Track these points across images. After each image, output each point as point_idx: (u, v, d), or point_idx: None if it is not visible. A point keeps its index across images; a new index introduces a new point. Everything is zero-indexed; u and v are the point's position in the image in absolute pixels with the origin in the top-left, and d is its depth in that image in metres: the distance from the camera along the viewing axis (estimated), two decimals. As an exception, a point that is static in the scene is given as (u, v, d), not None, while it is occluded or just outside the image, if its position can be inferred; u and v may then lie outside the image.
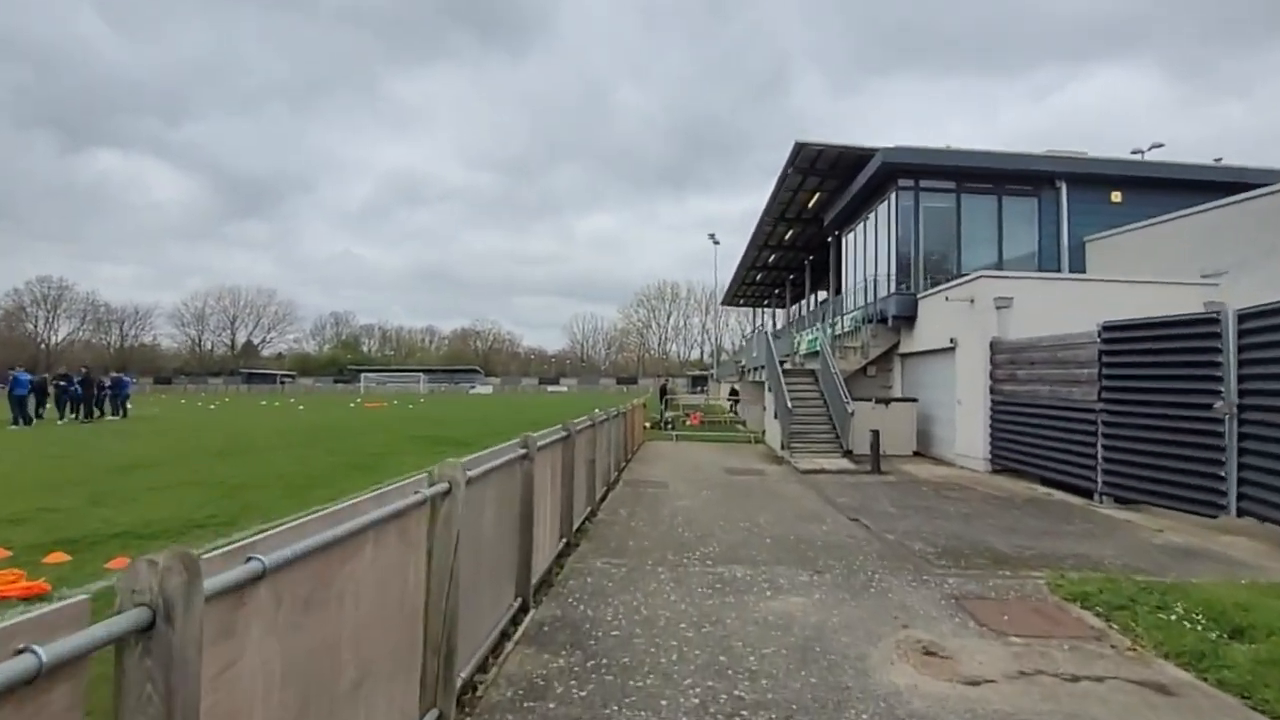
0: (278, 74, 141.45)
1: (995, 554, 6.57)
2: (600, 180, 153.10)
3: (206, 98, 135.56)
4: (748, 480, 11.35)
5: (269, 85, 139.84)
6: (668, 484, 10.75)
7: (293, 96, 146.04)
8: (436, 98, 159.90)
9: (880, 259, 17.42)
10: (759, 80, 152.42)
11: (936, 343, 14.45)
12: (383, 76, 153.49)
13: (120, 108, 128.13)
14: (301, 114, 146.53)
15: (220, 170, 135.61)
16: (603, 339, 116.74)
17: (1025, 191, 16.41)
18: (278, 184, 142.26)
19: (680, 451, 15.71)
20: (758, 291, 44.12)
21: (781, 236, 27.35)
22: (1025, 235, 16.41)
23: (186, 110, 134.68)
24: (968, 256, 16.14)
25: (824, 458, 13.72)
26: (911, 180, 16.12)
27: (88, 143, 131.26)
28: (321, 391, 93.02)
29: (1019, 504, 9.34)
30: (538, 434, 5.18)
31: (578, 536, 6.85)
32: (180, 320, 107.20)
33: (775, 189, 21.39)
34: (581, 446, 7.46)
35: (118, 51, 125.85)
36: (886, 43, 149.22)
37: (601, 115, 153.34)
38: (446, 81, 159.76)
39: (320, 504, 8.29)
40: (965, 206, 16.24)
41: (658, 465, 13.08)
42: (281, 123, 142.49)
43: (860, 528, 7.75)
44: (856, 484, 11.05)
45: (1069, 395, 10.14)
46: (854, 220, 19.66)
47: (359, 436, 18.29)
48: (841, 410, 14.15)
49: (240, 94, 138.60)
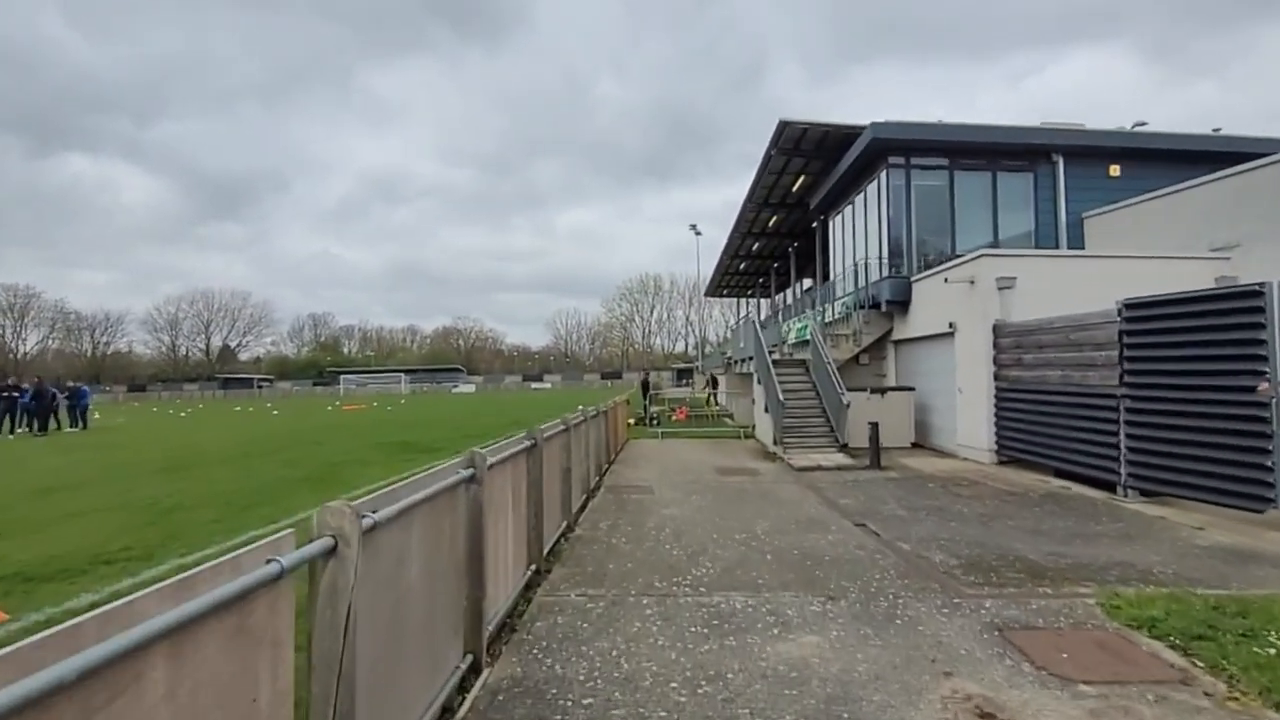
0: (250, 70, 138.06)
1: (1028, 565, 5.75)
2: (581, 174, 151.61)
3: (178, 96, 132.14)
4: (740, 482, 10.48)
5: (241, 82, 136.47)
6: (653, 489, 9.86)
7: (266, 93, 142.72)
8: (413, 93, 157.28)
9: (871, 242, 16.61)
10: (739, 70, 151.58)
11: (933, 328, 13.67)
12: (358, 71, 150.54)
13: (89, 108, 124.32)
14: (275, 111, 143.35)
15: (193, 171, 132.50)
16: (586, 334, 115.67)
17: (1020, 167, 15.66)
18: (253, 184, 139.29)
19: (667, 451, 14.83)
20: (741, 281, 43.36)
21: (765, 223, 26.51)
22: (1021, 213, 15.68)
23: (158, 110, 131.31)
24: (962, 237, 15.37)
25: (819, 453, 12.91)
26: (902, 157, 15.30)
27: (57, 146, 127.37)
28: (300, 395, 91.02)
29: (1036, 500, 8.57)
30: (492, 446, 4.25)
31: (550, 560, 5.93)
32: (153, 326, 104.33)
33: (758, 172, 20.52)
34: (553, 455, 6.54)
35: (84, 51, 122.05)
36: (864, 30, 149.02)
37: (581, 108, 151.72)
38: (423, 76, 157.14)
39: (261, 525, 7.31)
40: (959, 184, 15.46)
41: (643, 467, 12.18)
42: (255, 121, 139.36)
43: (870, 535, 6.91)
44: (857, 482, 10.23)
45: (1084, 380, 9.38)
46: (841, 203, 18.84)
47: (324, 444, 17.19)
48: (836, 402, 13.33)
49: (212, 92, 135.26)
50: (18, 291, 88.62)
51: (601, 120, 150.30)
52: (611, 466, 12.16)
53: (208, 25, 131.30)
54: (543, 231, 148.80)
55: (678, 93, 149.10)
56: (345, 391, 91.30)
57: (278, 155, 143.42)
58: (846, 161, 16.62)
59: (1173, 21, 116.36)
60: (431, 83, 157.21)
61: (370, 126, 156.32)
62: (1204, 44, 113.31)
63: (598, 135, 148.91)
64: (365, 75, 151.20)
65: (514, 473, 4.99)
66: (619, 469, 11.96)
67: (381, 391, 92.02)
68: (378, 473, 11.53)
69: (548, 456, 6.13)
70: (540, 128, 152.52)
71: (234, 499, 9.02)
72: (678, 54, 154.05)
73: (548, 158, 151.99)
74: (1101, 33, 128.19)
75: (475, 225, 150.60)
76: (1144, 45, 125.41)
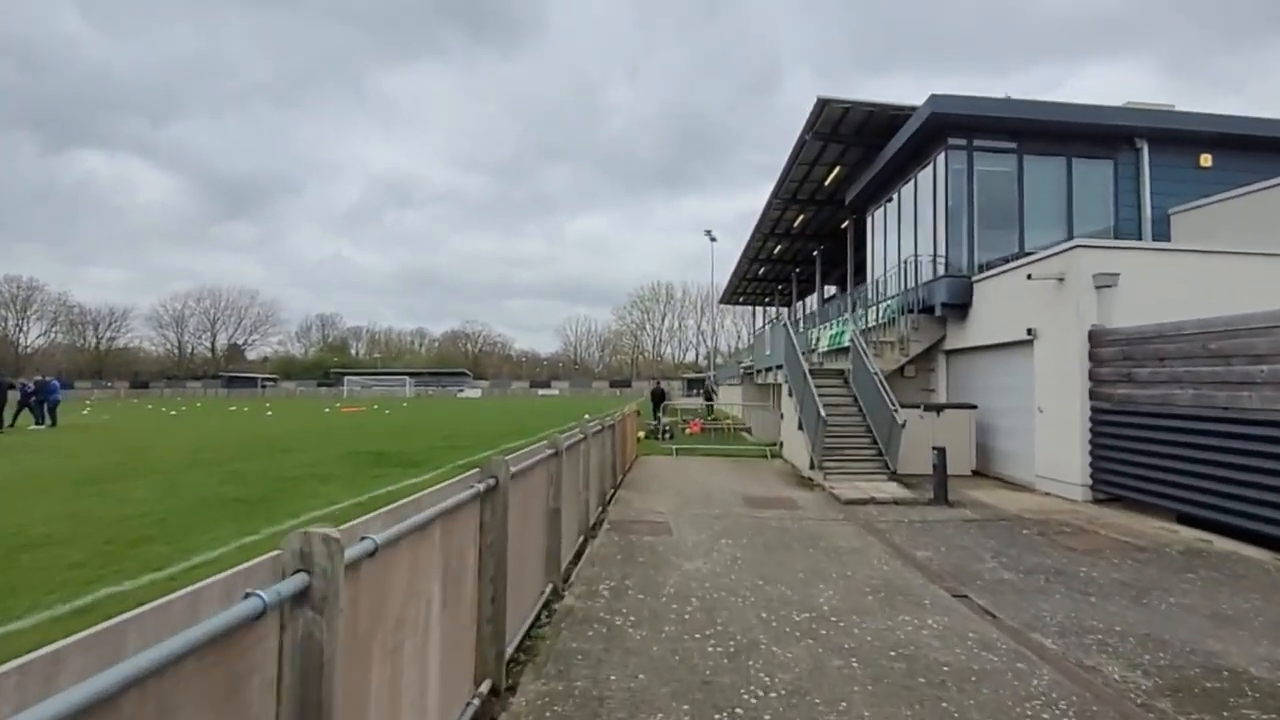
0: (264, 72, 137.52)
1: (1263, 689, 3.63)
2: (592, 181, 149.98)
3: (192, 97, 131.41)
4: (779, 519, 8.37)
5: (255, 84, 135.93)
6: (670, 526, 7.77)
7: (279, 95, 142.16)
8: (426, 98, 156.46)
9: (922, 237, 14.51)
10: (751, 78, 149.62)
11: (1002, 335, 11.54)
12: (371, 75, 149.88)
13: (104, 107, 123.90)
14: (289, 113, 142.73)
15: (206, 171, 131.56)
16: (596, 341, 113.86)
17: (1099, 154, 13.52)
18: (265, 185, 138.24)
19: (682, 471, 12.75)
20: (759, 289, 41.28)
21: (790, 223, 24.45)
22: (1099, 206, 13.53)
23: (172, 110, 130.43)
24: (1031, 233, 13.24)
25: (866, 480, 10.79)
26: (964, 138, 13.22)
27: (71, 143, 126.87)
28: (303, 396, 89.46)
29: (1180, 561, 6.42)
30: (417, 498, 2.22)
31: (516, 668, 3.85)
32: (159, 323, 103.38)
33: (788, 163, 18.49)
34: (533, 492, 4.50)
35: (101, 50, 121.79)
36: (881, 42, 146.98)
37: (593, 114, 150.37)
38: (436, 81, 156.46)
39: (132, 575, 5.30)
40: (1029, 171, 13.33)
41: (656, 494, 10.10)
42: (268, 122, 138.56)
43: (985, 620, 4.79)
44: (926, 523, 8.11)
45: (1233, 402, 7.22)
46: (885, 193, 16.73)
47: (293, 451, 15.21)
48: (887, 420, 11.20)
49: (226, 93, 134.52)
50: (20, 284, 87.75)
51: (613, 127, 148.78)
52: (618, 491, 10.10)
53: (222, 26, 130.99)
54: (553, 238, 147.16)
55: (690, 101, 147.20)
56: (349, 393, 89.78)
57: (290, 157, 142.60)
58: (895, 145, 14.54)
59: (1196, 39, 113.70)
60: (445, 87, 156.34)
61: (383, 130, 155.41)
62: (1224, 61, 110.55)
63: (609, 142, 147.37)
64: (378, 78, 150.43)
65: (458, 535, 2.95)
66: (627, 494, 9.90)
67: (386, 394, 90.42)
68: (333, 492, 9.51)
69: (524, 497, 4.09)
70: (552, 134, 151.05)
71: (127, 530, 6.98)
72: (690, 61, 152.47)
73: (559, 164, 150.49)
74: (1123, 47, 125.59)
75: (487, 231, 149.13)
76: (1165, 60, 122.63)
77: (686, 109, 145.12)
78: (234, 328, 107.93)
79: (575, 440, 6.13)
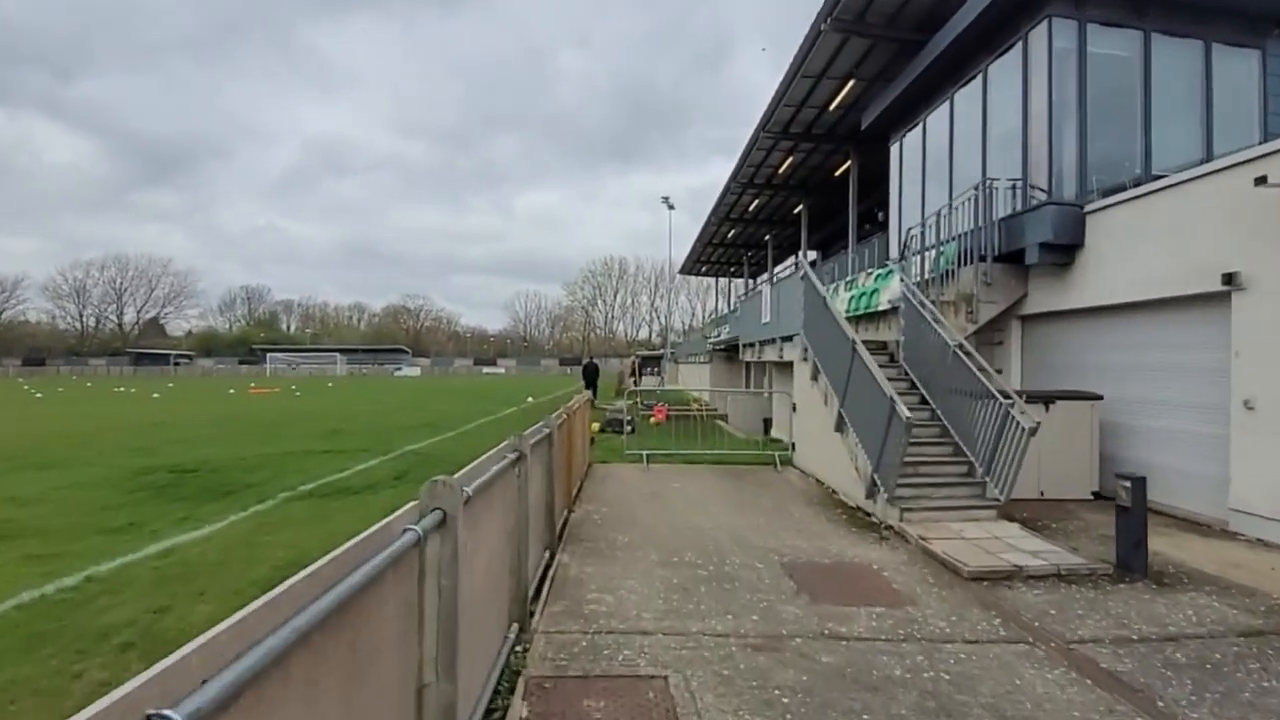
0: (185, 21, 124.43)
1: None
2: (541, 153, 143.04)
3: (105, 49, 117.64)
4: (892, 644, 4.06)
5: (177, 35, 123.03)
6: (658, 671, 3.36)
7: (204, 49, 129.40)
8: (363, 56, 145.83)
9: (993, 155, 10.36)
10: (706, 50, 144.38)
11: (1154, 287, 7.52)
12: (303, 29, 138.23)
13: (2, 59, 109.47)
14: (214, 70, 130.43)
15: (123, 132, 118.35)
16: (547, 318, 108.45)
17: (1243, 41, 9.59)
18: (190, 149, 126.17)
19: (660, 494, 8.37)
20: (725, 255, 37.06)
21: (776, 167, 20.11)
22: (1243, 110, 9.62)
23: (83, 64, 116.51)
24: (1159, 149, 9.23)
25: (961, 519, 6.67)
26: (1071, 3, 9.03)
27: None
28: (221, 374, 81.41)
29: None
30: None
31: None
32: (56, 294, 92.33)
33: (788, 75, 14.13)
34: None
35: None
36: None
37: (541, 79, 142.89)
38: (374, 37, 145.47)
39: None
40: (1157, 59, 9.27)
41: (622, 566, 5.61)
42: (192, 80, 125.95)
43: None
44: (1164, 636, 3.93)
45: None
46: (926, 107, 12.41)
47: (51, 469, 10.16)
48: (987, 418, 7.01)
49: (144, 44, 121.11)
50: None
51: (563, 95, 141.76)
52: (558, 556, 5.63)
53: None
54: (502, 212, 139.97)
55: (642, 70, 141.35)
56: (271, 371, 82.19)
57: (217, 119, 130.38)
58: (960, 22, 10.19)
59: None
60: (383, 45, 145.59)
61: (318, 91, 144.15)
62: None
63: (559, 111, 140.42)
64: (311, 34, 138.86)
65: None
66: (574, 562, 5.43)
67: (315, 372, 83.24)
68: None
69: None
70: (499, 100, 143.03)
71: None
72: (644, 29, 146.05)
73: (506, 133, 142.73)
74: None
75: (431, 203, 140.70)
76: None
77: (638, 78, 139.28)
78: (144, 300, 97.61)
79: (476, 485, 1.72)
